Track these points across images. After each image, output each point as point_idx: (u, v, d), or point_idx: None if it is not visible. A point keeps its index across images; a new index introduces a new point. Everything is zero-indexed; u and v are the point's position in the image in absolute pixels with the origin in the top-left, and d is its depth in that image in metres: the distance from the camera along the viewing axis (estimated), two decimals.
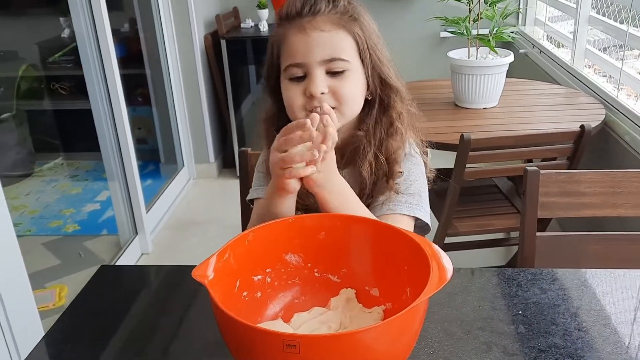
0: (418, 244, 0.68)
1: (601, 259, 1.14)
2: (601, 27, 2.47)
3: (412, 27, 3.49)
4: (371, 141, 0.96)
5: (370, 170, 0.95)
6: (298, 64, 0.89)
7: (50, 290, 2.42)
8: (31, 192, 3.34)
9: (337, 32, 0.90)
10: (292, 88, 0.91)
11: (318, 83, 0.89)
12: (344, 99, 0.91)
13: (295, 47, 0.89)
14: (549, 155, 1.88)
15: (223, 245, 0.69)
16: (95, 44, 2.39)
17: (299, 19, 0.90)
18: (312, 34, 0.88)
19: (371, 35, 0.93)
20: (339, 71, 0.90)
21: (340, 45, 0.90)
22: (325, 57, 0.89)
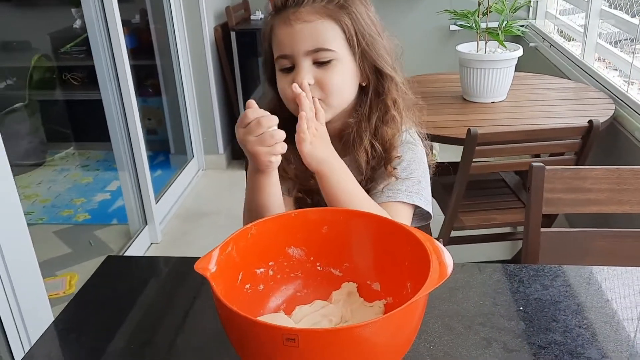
0: (419, 240, 0.69)
1: (607, 256, 1.14)
2: (612, 20, 2.45)
3: (422, 20, 3.48)
4: (365, 128, 0.97)
5: (367, 157, 0.96)
6: (285, 56, 0.91)
7: (61, 278, 2.46)
8: (43, 181, 3.37)
9: (322, 21, 0.90)
10: (282, 79, 0.93)
11: (305, 74, 0.90)
12: (331, 90, 0.92)
13: (281, 39, 0.91)
14: (556, 151, 1.88)
15: (226, 238, 0.70)
16: (106, 34, 2.40)
17: (285, 11, 0.91)
18: (296, 25, 0.90)
19: (363, 22, 0.93)
20: (325, 61, 0.91)
21: (325, 35, 0.91)
22: (309, 47, 0.90)
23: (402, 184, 0.96)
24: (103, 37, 2.40)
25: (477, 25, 2.07)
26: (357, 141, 0.96)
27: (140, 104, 3.47)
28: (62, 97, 3.64)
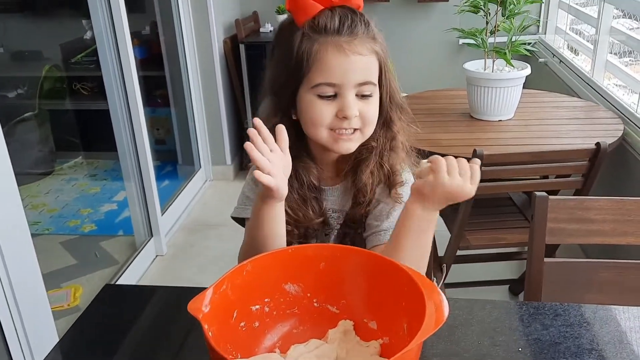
0: (416, 283, 0.68)
1: (611, 287, 1.13)
2: (623, 36, 2.43)
3: (430, 34, 3.47)
4: (375, 153, 0.99)
5: (371, 176, 0.98)
6: (332, 84, 0.90)
7: (65, 290, 2.46)
8: (51, 190, 3.40)
9: (370, 56, 0.91)
10: (321, 105, 0.91)
11: (354, 106, 0.90)
12: (369, 121, 0.94)
13: (332, 66, 0.89)
14: (563, 172, 1.86)
15: (220, 276, 0.69)
16: (114, 45, 2.42)
17: (336, 37, 0.89)
18: (352, 56, 0.89)
19: (386, 55, 0.95)
20: (367, 94, 0.92)
21: (372, 69, 0.92)
22: (359, 80, 0.90)
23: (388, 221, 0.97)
24: (111, 49, 2.42)
25: (485, 44, 2.06)
26: (364, 164, 0.98)
27: (149, 114, 3.51)
28: (71, 107, 3.67)
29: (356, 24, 0.90)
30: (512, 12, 2.01)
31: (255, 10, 3.54)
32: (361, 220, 1.00)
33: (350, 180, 1.00)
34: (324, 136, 0.93)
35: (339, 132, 0.92)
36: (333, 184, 1.02)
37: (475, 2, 2.03)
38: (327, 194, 1.02)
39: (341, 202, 1.02)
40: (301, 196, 0.98)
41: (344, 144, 0.94)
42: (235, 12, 3.49)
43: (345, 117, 0.90)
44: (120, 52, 2.43)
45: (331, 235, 1.03)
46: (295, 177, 0.97)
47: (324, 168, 1.02)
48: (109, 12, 2.37)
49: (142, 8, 3.31)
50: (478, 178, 0.83)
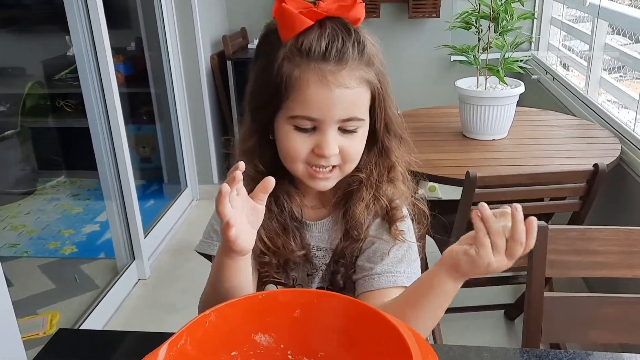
0: (403, 337, 0.59)
1: (615, 323, 1.04)
2: (616, 53, 2.37)
3: (422, 50, 3.42)
4: (370, 184, 0.88)
5: (366, 211, 0.88)
6: (311, 118, 0.79)
7: (42, 317, 2.36)
8: (32, 210, 3.29)
9: (359, 88, 0.80)
10: (297, 139, 0.81)
11: (333, 145, 0.80)
12: (350, 158, 0.84)
13: (312, 100, 0.78)
14: (560, 195, 1.78)
15: (178, 329, 0.60)
16: (95, 62, 2.34)
17: (322, 64, 0.77)
18: (336, 90, 0.77)
19: (384, 78, 0.84)
20: (352, 130, 0.82)
21: (360, 103, 0.81)
22: (343, 116, 0.80)
23: (399, 266, 0.88)
24: (92, 65, 2.34)
25: (477, 61, 2.00)
26: (357, 196, 0.88)
27: (134, 131, 3.43)
28: (55, 124, 3.59)
29: (347, 49, 0.77)
30: (504, 28, 1.95)
31: (243, 26, 3.48)
32: (352, 258, 0.90)
33: (339, 213, 0.90)
34: (299, 170, 0.84)
35: (315, 169, 0.83)
36: (318, 218, 0.92)
37: (466, 18, 1.97)
38: (311, 229, 0.92)
39: (328, 239, 0.92)
40: (281, 224, 0.88)
41: (319, 182, 0.84)
42: (223, 27, 3.42)
43: (321, 155, 0.81)
44: (101, 69, 2.35)
45: (315, 277, 0.92)
46: (275, 202, 0.87)
47: (308, 198, 0.91)
48: (89, 28, 2.30)
49: (126, 24, 3.25)
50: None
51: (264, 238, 0.86)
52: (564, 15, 3.05)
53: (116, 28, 2.56)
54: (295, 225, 0.90)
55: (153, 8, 2.94)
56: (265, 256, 0.88)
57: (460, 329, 2.11)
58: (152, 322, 2.30)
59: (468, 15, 1.97)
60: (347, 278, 0.90)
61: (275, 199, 0.87)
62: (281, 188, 0.87)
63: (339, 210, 0.90)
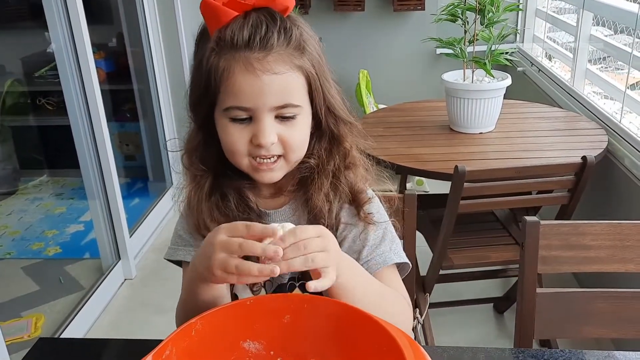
0: (395, 340, 0.57)
1: (608, 318, 1.03)
2: (601, 44, 2.37)
3: (407, 43, 3.40)
4: (326, 172, 0.86)
5: (327, 200, 0.85)
6: (244, 108, 0.77)
7: (26, 320, 2.31)
8: (14, 211, 3.23)
9: (290, 73, 0.77)
10: (234, 132, 0.78)
11: (269, 133, 0.77)
12: (293, 147, 0.81)
13: (241, 89, 0.76)
14: (548, 188, 1.78)
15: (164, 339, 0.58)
16: (75, 59, 2.29)
17: (246, 52, 0.75)
18: (263, 76, 0.75)
19: (320, 65, 0.81)
20: (289, 116, 0.79)
21: (293, 88, 0.78)
22: (277, 103, 0.77)
23: (382, 245, 0.86)
24: (71, 62, 2.29)
25: (464, 54, 1.98)
26: (316, 186, 0.85)
27: (117, 129, 3.37)
28: (36, 123, 3.51)
29: (271, 34, 0.75)
30: (490, 20, 1.94)
31: None
32: None
33: (299, 202, 0.87)
34: (243, 164, 0.81)
35: (258, 161, 0.80)
36: (277, 206, 0.88)
37: (453, 10, 1.96)
38: (272, 218, 0.88)
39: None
40: (237, 219, 0.84)
41: (265, 174, 0.81)
42: None
43: (259, 145, 0.78)
44: (82, 66, 2.30)
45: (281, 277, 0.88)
46: (225, 202, 0.84)
47: (264, 187, 0.88)
48: (68, 24, 2.24)
49: (107, 19, 3.19)
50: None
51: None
52: (549, 7, 3.05)
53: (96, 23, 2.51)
54: (252, 218, 0.85)
55: (134, 3, 2.89)
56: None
57: (449, 323, 2.10)
58: (140, 323, 2.27)
59: (454, 8, 1.96)
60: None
61: (223, 199, 0.84)
62: (229, 186, 0.85)
63: (298, 198, 0.88)
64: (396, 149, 1.96)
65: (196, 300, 0.73)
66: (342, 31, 3.41)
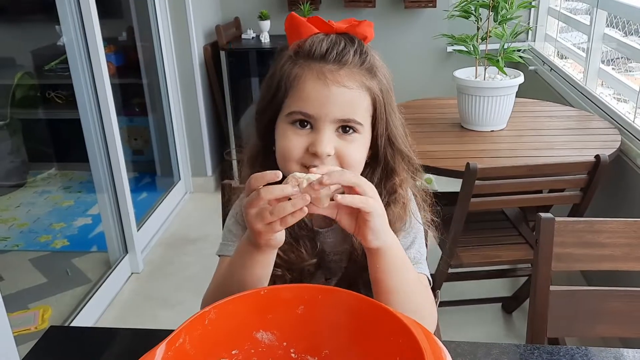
0: (413, 334, 0.56)
1: (621, 317, 1.02)
2: (614, 44, 2.35)
3: (418, 40, 3.38)
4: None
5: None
6: (307, 114, 0.78)
7: (33, 312, 2.31)
8: (22, 203, 3.24)
9: (359, 91, 0.78)
10: (292, 136, 0.79)
11: (327, 142, 0.77)
12: (349, 164, 0.79)
13: (309, 95, 0.77)
14: (560, 187, 1.76)
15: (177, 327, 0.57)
16: (86, 52, 2.29)
17: (321, 63, 0.78)
18: (333, 87, 0.77)
19: (388, 94, 0.83)
20: (348, 132, 0.79)
21: (359, 106, 0.79)
22: (340, 116, 0.77)
23: (409, 251, 0.85)
24: (82, 55, 2.29)
25: (476, 51, 1.97)
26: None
27: (126, 123, 3.37)
28: (45, 116, 3.52)
29: (347, 52, 0.78)
30: (504, 17, 1.92)
31: (237, 16, 3.43)
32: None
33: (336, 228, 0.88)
34: (289, 169, 0.79)
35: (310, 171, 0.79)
36: (328, 225, 0.89)
37: (465, 7, 1.94)
38: (323, 236, 0.89)
39: (342, 243, 0.89)
40: (291, 234, 0.85)
41: None
42: (216, 17, 3.37)
43: (315, 154, 0.77)
44: (92, 59, 2.30)
45: (332, 281, 0.89)
46: None
47: None
48: (79, 17, 2.25)
49: (117, 13, 3.19)
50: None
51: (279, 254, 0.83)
52: (561, 5, 3.03)
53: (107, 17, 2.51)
54: (305, 234, 0.87)
55: None
56: (277, 270, 0.85)
57: (458, 322, 2.09)
58: (146, 317, 2.27)
59: (467, 4, 1.94)
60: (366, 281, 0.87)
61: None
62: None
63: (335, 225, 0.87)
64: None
65: (246, 276, 0.73)
66: None
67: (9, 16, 3.43)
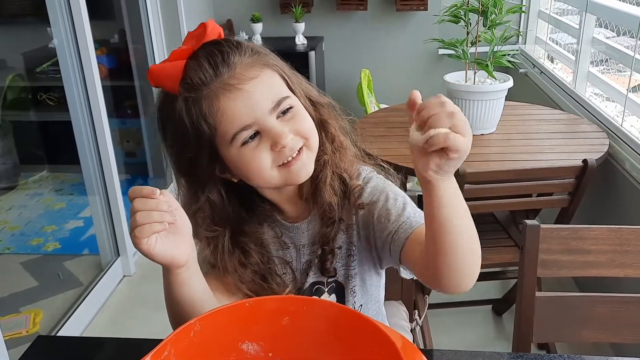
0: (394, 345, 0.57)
1: (607, 323, 1.03)
2: (603, 47, 2.37)
3: (409, 44, 3.40)
4: (326, 163, 0.87)
5: (333, 192, 0.86)
6: (247, 126, 0.77)
7: (24, 316, 2.31)
8: (14, 206, 3.23)
9: (264, 73, 0.79)
10: (252, 153, 0.78)
11: (284, 132, 0.77)
12: (307, 133, 0.81)
13: (235, 110, 0.76)
14: (548, 190, 1.78)
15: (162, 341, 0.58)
16: (76, 55, 2.29)
17: (218, 81, 0.76)
18: (245, 87, 0.76)
19: (279, 61, 0.84)
20: (287, 109, 0.80)
21: (274, 84, 0.80)
22: (271, 104, 0.78)
23: (406, 211, 0.84)
24: (73, 58, 2.29)
25: (466, 55, 1.98)
26: (322, 181, 0.86)
27: (118, 125, 3.37)
28: (36, 118, 3.51)
29: (227, 55, 0.77)
30: (493, 22, 1.94)
31: (229, 18, 3.43)
32: (333, 243, 0.88)
33: (312, 217, 0.89)
34: (275, 177, 0.80)
35: (285, 163, 0.80)
36: (303, 218, 0.90)
37: (455, 11, 1.95)
38: (301, 229, 0.90)
39: (315, 235, 0.90)
40: (259, 274, 0.86)
41: (298, 170, 0.81)
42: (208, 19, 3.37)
43: (283, 146, 0.78)
44: (83, 61, 2.30)
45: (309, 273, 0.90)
46: (244, 255, 0.86)
47: (288, 208, 0.90)
48: (70, 19, 2.24)
49: (109, 15, 3.18)
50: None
51: (247, 292, 0.85)
52: (552, 8, 3.05)
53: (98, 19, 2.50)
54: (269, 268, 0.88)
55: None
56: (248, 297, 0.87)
57: (448, 324, 2.10)
58: (138, 320, 2.27)
59: (457, 9, 1.95)
60: (335, 264, 0.89)
61: (242, 252, 0.86)
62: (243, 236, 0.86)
63: (310, 216, 0.90)
64: (397, 149, 1.96)
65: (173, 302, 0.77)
66: (345, 30, 3.41)
67: (0, 18, 3.42)
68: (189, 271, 0.75)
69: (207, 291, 0.79)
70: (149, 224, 0.68)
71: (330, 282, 0.90)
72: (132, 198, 0.69)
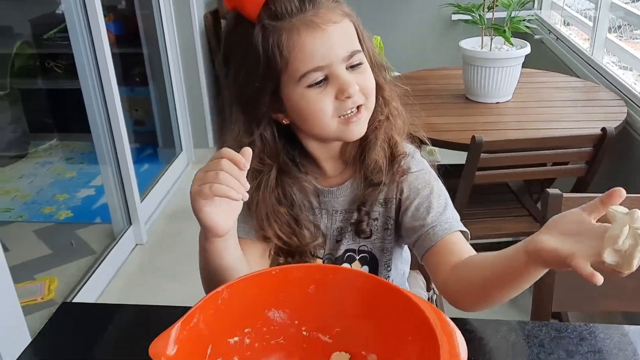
0: (424, 313, 0.57)
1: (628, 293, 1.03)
2: (621, 12, 2.31)
3: (423, 9, 3.32)
4: (377, 124, 0.87)
5: (383, 154, 0.86)
6: (320, 67, 0.76)
7: (39, 283, 2.34)
8: (24, 174, 3.23)
9: (345, 21, 0.79)
10: (317, 97, 0.78)
11: (352, 82, 0.78)
12: (369, 92, 0.82)
13: (314, 49, 0.75)
14: (566, 159, 1.75)
15: (190, 308, 0.57)
16: (85, 21, 2.26)
17: (302, 15, 0.75)
18: (329, 29, 0.76)
19: (354, 13, 0.83)
20: (357, 63, 0.80)
21: (352, 35, 0.80)
22: (345, 53, 0.78)
23: (446, 213, 0.86)
24: (82, 24, 2.25)
25: (482, 21, 1.93)
26: (373, 141, 0.86)
27: (126, 93, 3.34)
28: (45, 86, 3.49)
29: None
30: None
31: None
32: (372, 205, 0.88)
33: (358, 170, 0.88)
34: (331, 127, 0.80)
35: (346, 117, 0.80)
36: (339, 183, 0.90)
37: None
38: (335, 194, 0.90)
39: (351, 201, 0.90)
40: (293, 217, 0.86)
41: (355, 127, 0.81)
42: None
43: (348, 97, 0.78)
44: (92, 28, 2.26)
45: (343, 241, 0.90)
46: (284, 195, 0.85)
47: (328, 165, 0.89)
48: None
49: None
50: None
51: (278, 233, 0.84)
52: None
53: None
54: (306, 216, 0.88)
55: None
56: (279, 258, 0.87)
57: None
58: (151, 289, 2.29)
59: None
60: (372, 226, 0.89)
61: (283, 192, 0.85)
62: (288, 177, 0.86)
63: (357, 168, 0.89)
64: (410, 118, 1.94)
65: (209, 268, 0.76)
66: None
67: None
68: (225, 242, 0.74)
69: (241, 260, 0.79)
70: (227, 187, 0.67)
71: (364, 252, 0.90)
72: (221, 157, 0.69)
